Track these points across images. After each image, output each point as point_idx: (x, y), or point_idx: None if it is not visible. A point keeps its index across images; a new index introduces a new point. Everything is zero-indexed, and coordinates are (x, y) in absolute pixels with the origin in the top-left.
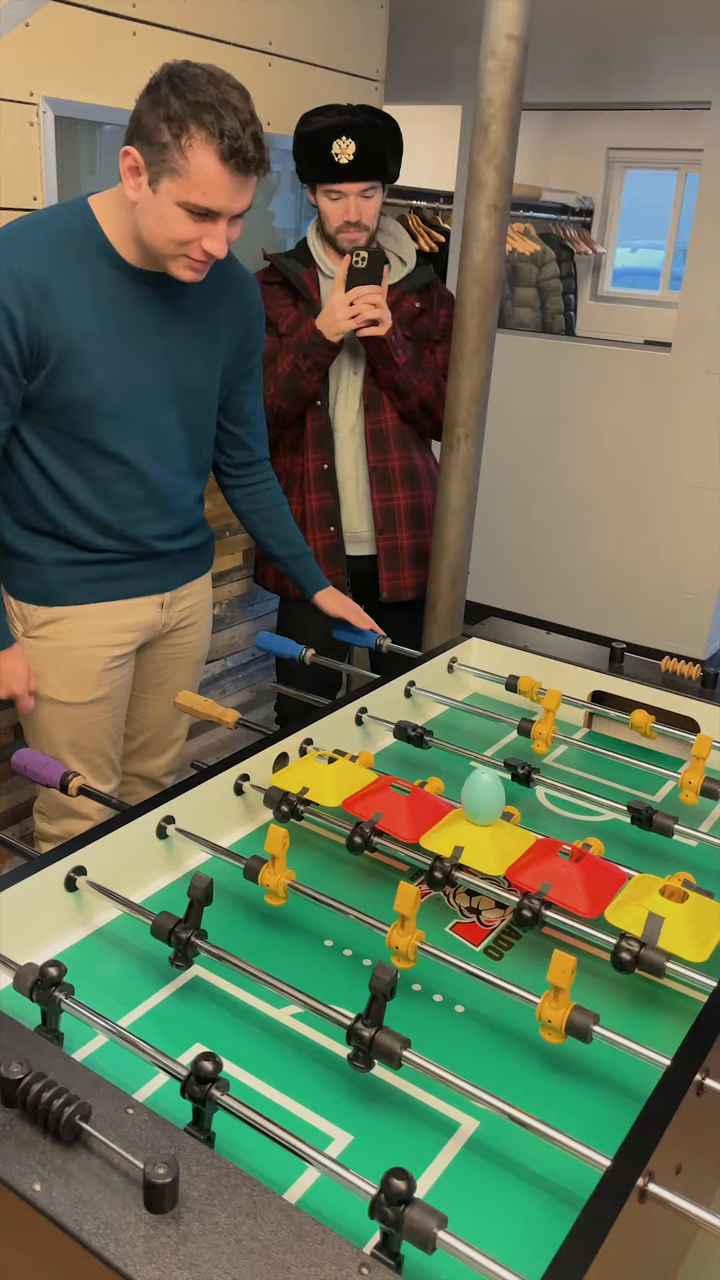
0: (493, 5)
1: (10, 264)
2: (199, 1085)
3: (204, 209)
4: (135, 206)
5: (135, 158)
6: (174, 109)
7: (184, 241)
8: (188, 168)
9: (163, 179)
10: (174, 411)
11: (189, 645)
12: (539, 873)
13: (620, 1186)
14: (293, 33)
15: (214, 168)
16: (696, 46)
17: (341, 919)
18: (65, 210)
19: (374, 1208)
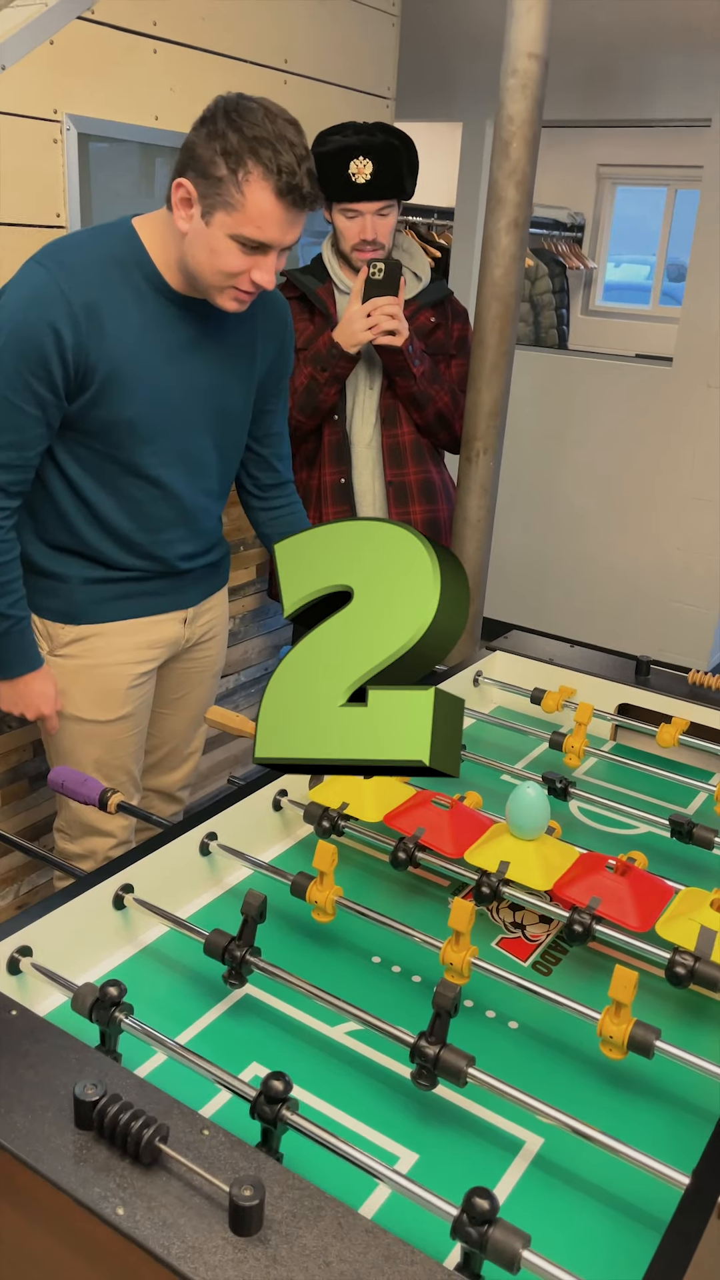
0: (514, 24)
1: (61, 286)
2: (269, 1105)
3: (257, 242)
4: (185, 237)
5: (188, 189)
6: (231, 143)
7: (234, 273)
8: (244, 202)
9: (217, 212)
10: (210, 435)
11: (208, 659)
12: (586, 887)
13: (703, 1202)
14: (308, 51)
15: (270, 203)
16: (697, 64)
17: (387, 934)
18: (112, 233)
19: (456, 1228)
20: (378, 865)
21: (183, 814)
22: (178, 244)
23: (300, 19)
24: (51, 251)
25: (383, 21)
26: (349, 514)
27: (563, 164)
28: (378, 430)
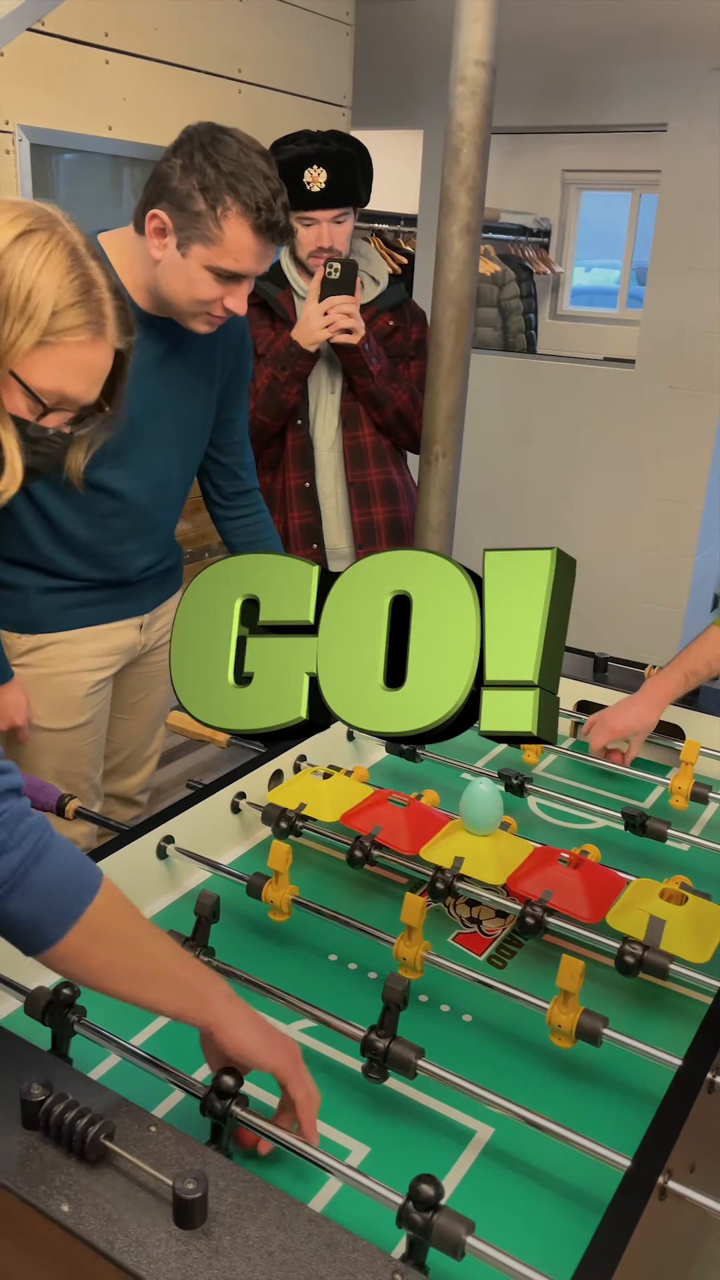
0: (462, 33)
1: None
2: (220, 1100)
3: (233, 273)
4: (158, 264)
5: (163, 220)
6: (209, 178)
7: (208, 301)
8: (222, 237)
9: (194, 244)
10: (173, 449)
11: (165, 662)
12: (539, 880)
13: (642, 1185)
14: (262, 60)
15: (247, 238)
16: (653, 70)
17: (344, 932)
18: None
19: (402, 1215)
20: (336, 864)
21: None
22: (146, 267)
23: (254, 28)
24: None
25: (337, 30)
26: (313, 517)
27: (527, 170)
28: (340, 433)
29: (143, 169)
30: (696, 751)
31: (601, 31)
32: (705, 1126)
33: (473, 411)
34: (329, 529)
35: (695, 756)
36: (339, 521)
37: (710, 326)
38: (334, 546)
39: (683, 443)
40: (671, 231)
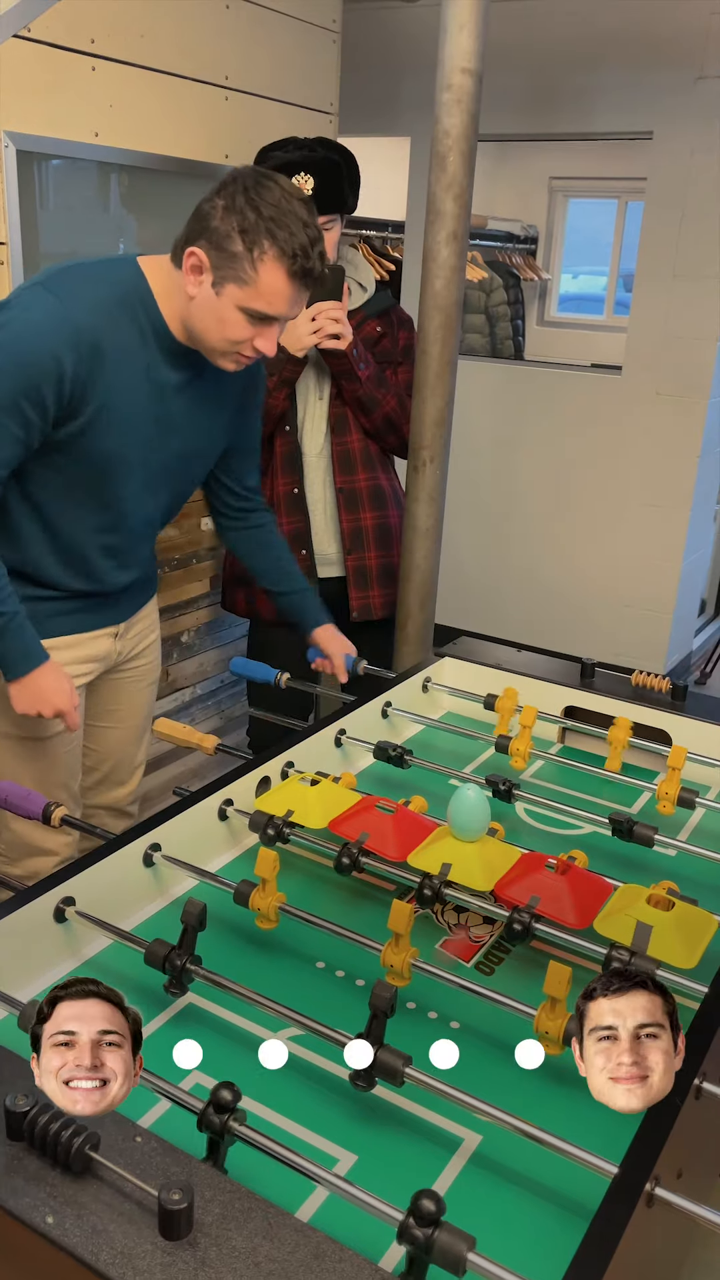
0: (448, 41)
1: (72, 316)
2: (218, 1115)
3: (265, 315)
4: (192, 300)
5: (201, 258)
6: (249, 220)
7: (239, 341)
8: (257, 279)
9: (228, 284)
10: (181, 474)
11: (144, 668)
12: (527, 886)
13: (630, 1191)
14: (249, 67)
15: (282, 282)
16: (638, 79)
17: (333, 940)
18: (122, 269)
19: (403, 1231)
20: (323, 871)
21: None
22: (183, 300)
23: (240, 35)
24: (61, 280)
25: (324, 38)
26: (302, 523)
27: (515, 177)
28: (328, 439)
29: (130, 175)
30: (683, 757)
31: (587, 40)
32: (692, 1133)
33: (460, 417)
34: (317, 534)
35: (682, 762)
36: (327, 527)
37: (697, 333)
38: (321, 551)
39: (670, 449)
40: (657, 239)
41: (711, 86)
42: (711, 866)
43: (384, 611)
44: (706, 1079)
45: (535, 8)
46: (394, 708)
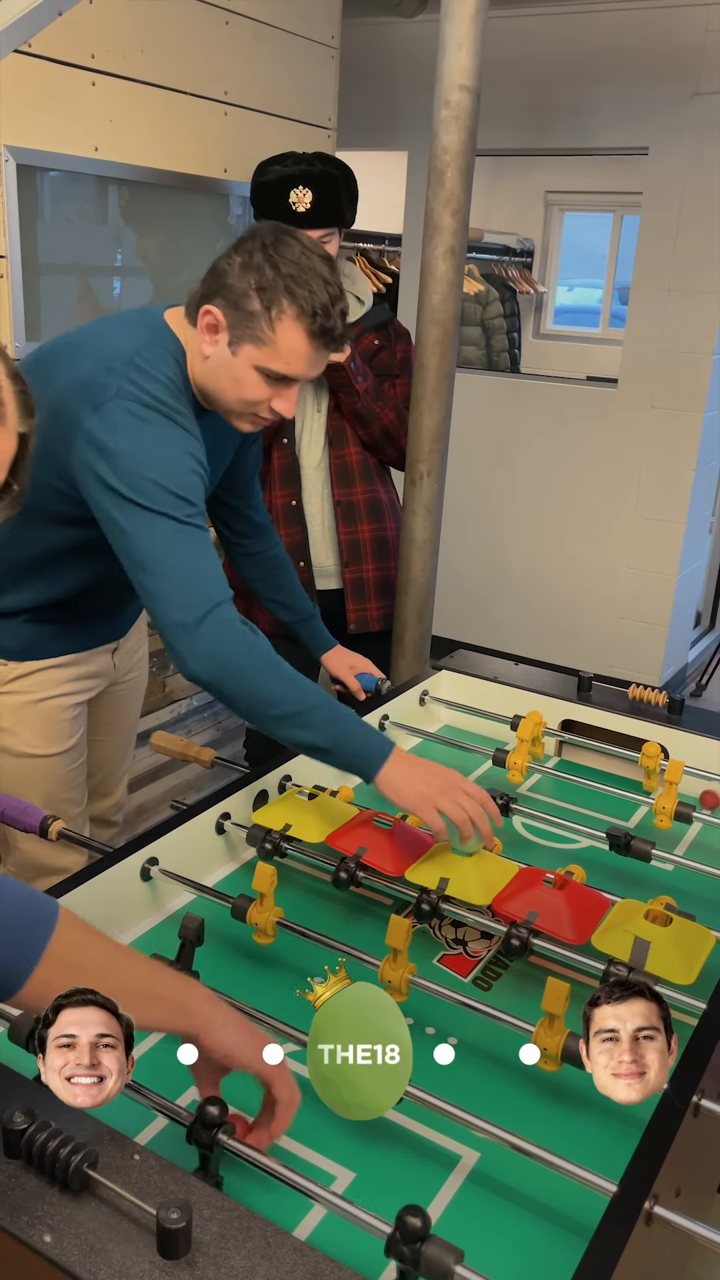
0: (446, 58)
1: (191, 434)
2: (205, 1130)
3: (283, 376)
4: (206, 360)
5: (216, 317)
6: (267, 278)
7: (255, 402)
8: (275, 339)
9: (245, 344)
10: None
11: (135, 680)
12: (525, 902)
13: (628, 1210)
14: (247, 83)
15: (301, 342)
16: (634, 95)
17: (330, 955)
18: (166, 344)
19: (390, 1246)
20: (321, 886)
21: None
22: (197, 361)
23: (240, 52)
24: (152, 394)
25: (323, 54)
26: (300, 535)
27: (511, 191)
28: (326, 452)
29: (129, 189)
30: (680, 771)
31: (584, 57)
32: (691, 1150)
33: (457, 430)
34: (315, 547)
35: (679, 776)
36: (325, 539)
37: (692, 347)
38: (319, 564)
39: (665, 461)
40: (653, 253)
41: (707, 103)
42: (709, 881)
43: (382, 624)
44: (705, 1096)
45: (533, 25)
46: (391, 721)
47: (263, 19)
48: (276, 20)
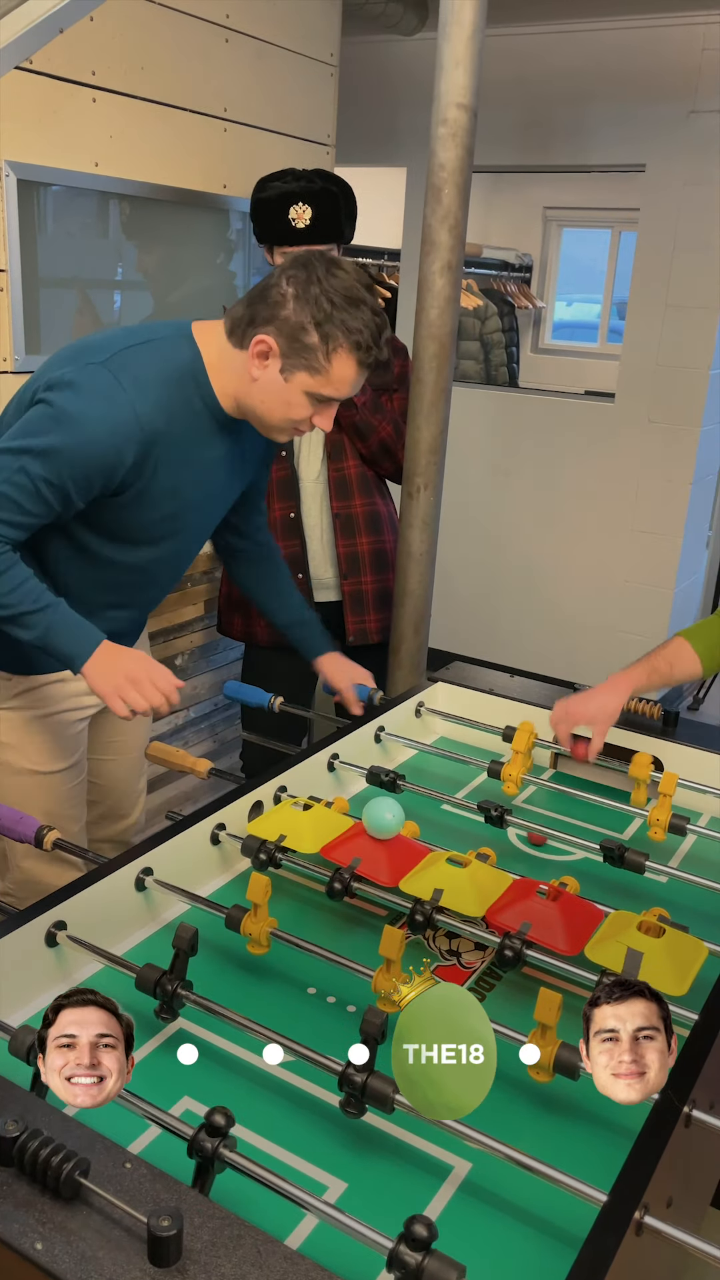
0: (444, 77)
1: (137, 408)
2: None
3: (331, 399)
4: (254, 382)
5: (270, 346)
6: (322, 313)
7: (299, 420)
8: (329, 369)
9: (299, 372)
10: (200, 537)
11: None
12: (518, 913)
13: (618, 1220)
14: (247, 100)
15: (353, 372)
16: (632, 113)
17: (324, 965)
18: (180, 348)
19: (393, 1258)
20: (316, 897)
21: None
22: (239, 380)
23: (239, 69)
24: (126, 366)
25: (322, 72)
26: (299, 547)
27: (510, 207)
28: (324, 465)
29: (129, 203)
30: (674, 783)
31: (582, 75)
32: (682, 1161)
33: (455, 444)
34: (314, 559)
35: (673, 788)
36: (323, 552)
37: (688, 362)
38: (318, 576)
39: (662, 476)
40: (650, 268)
41: (703, 121)
42: (702, 893)
43: (380, 636)
44: (696, 1107)
45: (530, 43)
46: (387, 732)
47: (263, 37)
48: (276, 38)
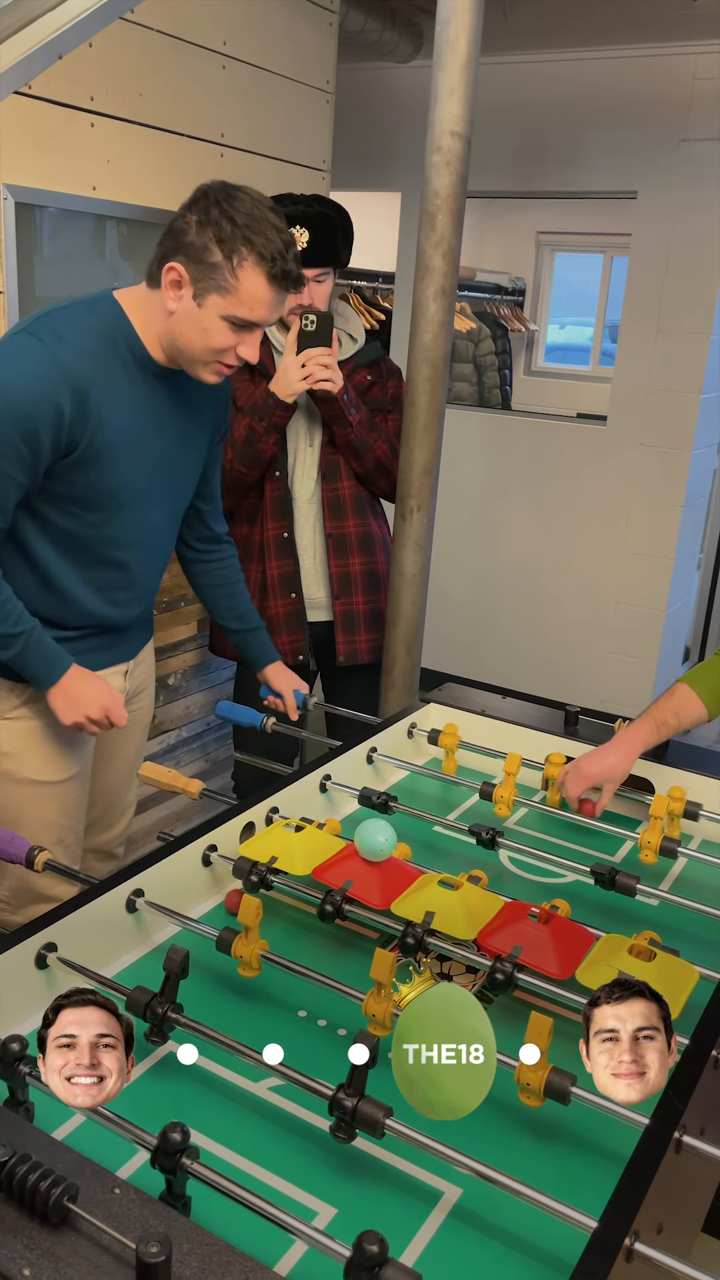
0: (438, 105)
1: (61, 362)
2: (168, 1157)
3: (247, 322)
4: (172, 315)
5: (180, 273)
6: (225, 231)
7: (222, 350)
8: (237, 286)
9: (210, 295)
10: (169, 504)
11: (141, 711)
12: (509, 936)
13: (609, 1246)
14: (244, 126)
15: (262, 287)
16: (623, 141)
17: (315, 988)
18: (100, 305)
19: (348, 1272)
20: (307, 919)
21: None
22: (161, 320)
23: (237, 95)
24: (46, 325)
25: (317, 98)
26: (292, 567)
27: (503, 231)
28: (319, 485)
29: (127, 227)
30: (665, 807)
31: (575, 104)
32: (672, 1187)
33: (448, 465)
34: (307, 579)
35: (664, 811)
36: (316, 572)
37: (680, 386)
38: (310, 596)
39: (654, 498)
40: (642, 293)
41: (694, 149)
42: (693, 917)
43: (371, 656)
44: (686, 1132)
45: (524, 72)
46: (379, 754)
47: (260, 64)
48: (273, 65)
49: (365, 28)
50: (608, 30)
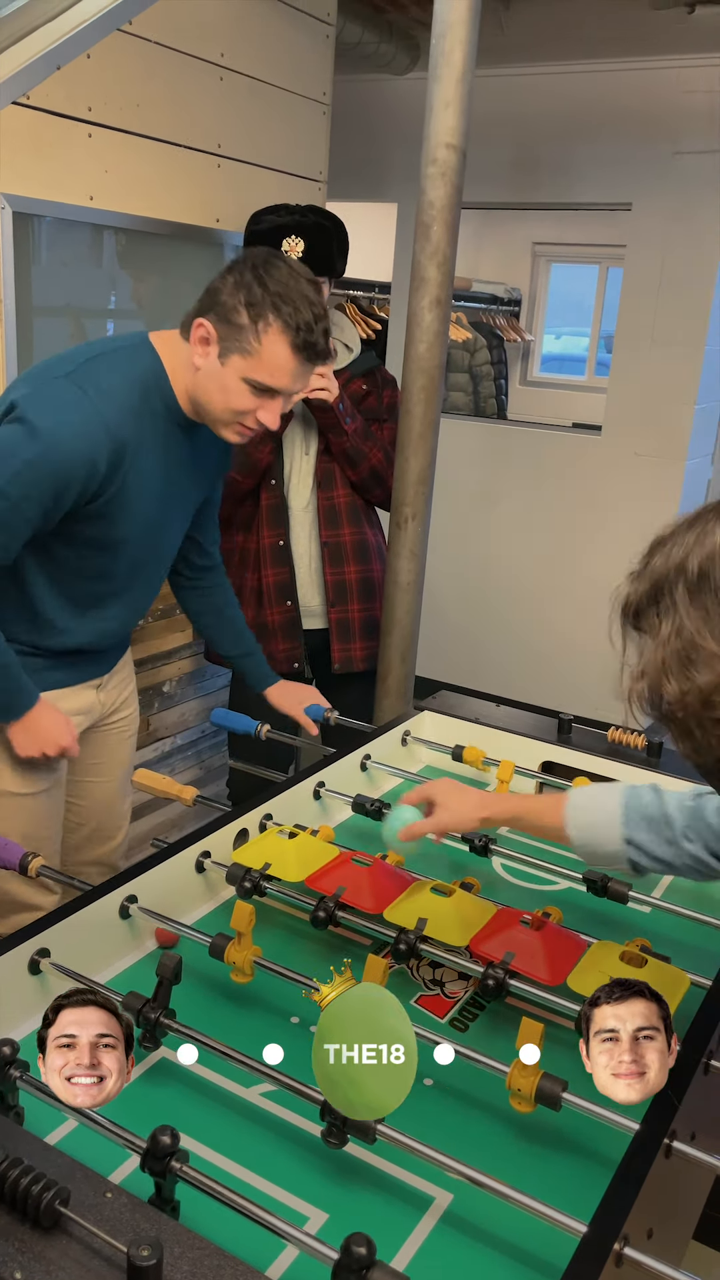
0: (433, 118)
1: (105, 419)
2: (157, 1161)
3: (267, 387)
4: (198, 371)
5: (208, 330)
6: (255, 295)
7: (242, 412)
8: (260, 350)
9: (233, 355)
10: (170, 540)
11: (126, 720)
12: (501, 942)
13: (598, 1251)
14: (240, 136)
15: (285, 355)
16: (618, 154)
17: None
18: (140, 354)
19: (336, 1274)
20: (300, 925)
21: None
22: (188, 374)
23: (234, 106)
24: (90, 375)
25: (314, 109)
26: (287, 575)
27: (499, 242)
28: (314, 494)
29: (125, 237)
30: None
31: (570, 116)
32: (663, 1192)
33: (443, 474)
34: (302, 587)
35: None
36: (311, 580)
37: (674, 396)
38: (305, 604)
39: (647, 508)
40: (636, 304)
41: (689, 162)
42: (684, 924)
43: (366, 664)
44: (677, 1138)
45: (520, 84)
46: (373, 761)
47: (256, 75)
48: (270, 76)
49: (362, 40)
50: (602, 44)
